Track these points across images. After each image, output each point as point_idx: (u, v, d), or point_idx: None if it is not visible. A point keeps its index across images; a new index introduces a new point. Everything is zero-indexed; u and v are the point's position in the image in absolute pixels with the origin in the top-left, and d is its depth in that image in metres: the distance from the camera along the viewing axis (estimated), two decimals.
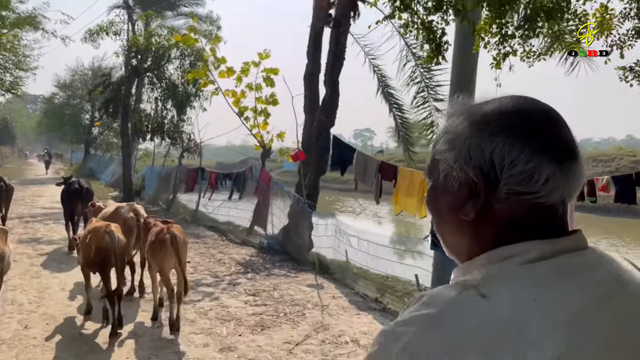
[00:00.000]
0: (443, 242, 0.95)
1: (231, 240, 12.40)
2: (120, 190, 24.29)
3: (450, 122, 0.90)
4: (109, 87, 18.96)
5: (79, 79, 38.90)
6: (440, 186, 0.90)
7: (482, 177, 0.82)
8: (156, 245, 5.77)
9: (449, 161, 0.86)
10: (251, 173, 12.90)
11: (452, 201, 0.87)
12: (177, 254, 5.68)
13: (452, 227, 0.90)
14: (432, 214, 0.95)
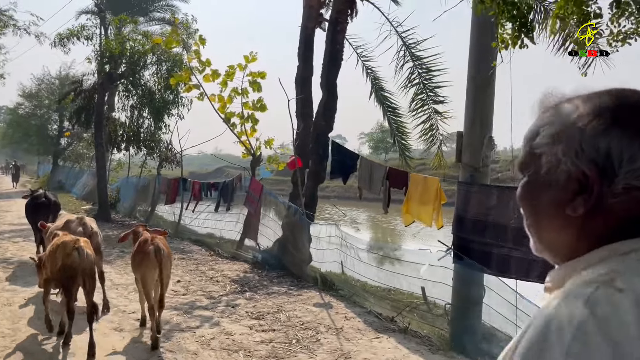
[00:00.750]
0: (537, 239, 0.91)
1: (220, 255, 11.61)
2: (93, 203, 23.13)
3: (552, 114, 0.89)
4: (81, 95, 17.90)
5: (46, 88, 37.28)
6: (540, 181, 0.87)
7: (597, 170, 0.80)
8: (139, 256, 5.62)
9: (556, 154, 0.84)
10: (240, 183, 12.14)
11: (557, 196, 0.84)
12: (160, 267, 5.43)
13: (554, 223, 0.86)
14: (526, 209, 0.92)
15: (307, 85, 10.81)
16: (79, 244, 5.28)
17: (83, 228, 6.89)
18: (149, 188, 17.82)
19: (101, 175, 17.57)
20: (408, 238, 20.76)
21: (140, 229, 6.46)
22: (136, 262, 5.69)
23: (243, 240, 11.52)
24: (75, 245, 5.25)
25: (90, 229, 7.01)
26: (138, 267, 5.68)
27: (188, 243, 13.11)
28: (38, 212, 9.42)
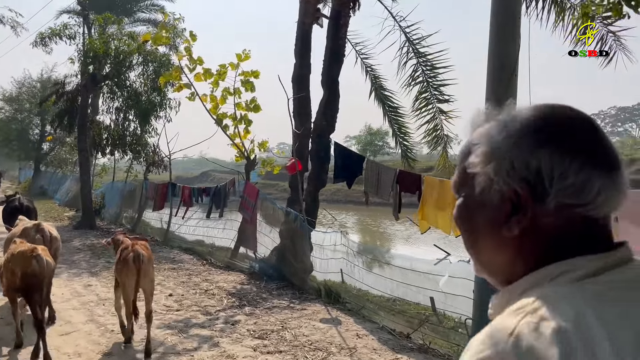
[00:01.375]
0: (475, 260, 0.90)
1: (213, 264, 10.95)
2: (77, 209, 22.27)
3: (483, 132, 0.87)
4: (63, 97, 17.08)
5: (27, 92, 36.24)
6: (474, 201, 0.86)
7: (528, 189, 0.79)
8: (120, 264, 5.58)
9: (487, 173, 0.83)
10: (233, 187, 11.49)
11: (492, 216, 0.83)
12: (138, 274, 5.41)
13: (490, 244, 0.85)
14: (463, 230, 0.91)
15: (304, 84, 10.21)
16: (37, 252, 5.12)
17: (41, 234, 6.61)
18: (136, 193, 17.06)
19: (85, 181, 16.77)
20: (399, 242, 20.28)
21: (120, 236, 6.41)
22: (118, 269, 5.65)
23: (237, 248, 10.87)
24: (33, 253, 5.09)
25: (48, 234, 6.71)
26: (119, 274, 5.63)
27: (178, 252, 12.42)
28: (13, 217, 8.97)
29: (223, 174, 73.70)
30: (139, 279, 5.43)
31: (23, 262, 5.04)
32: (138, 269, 5.40)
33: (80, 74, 16.76)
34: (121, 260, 5.57)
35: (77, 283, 9.17)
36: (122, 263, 5.53)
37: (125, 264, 5.46)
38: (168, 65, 16.95)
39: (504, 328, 0.70)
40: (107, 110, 17.49)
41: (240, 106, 11.45)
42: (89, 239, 14.52)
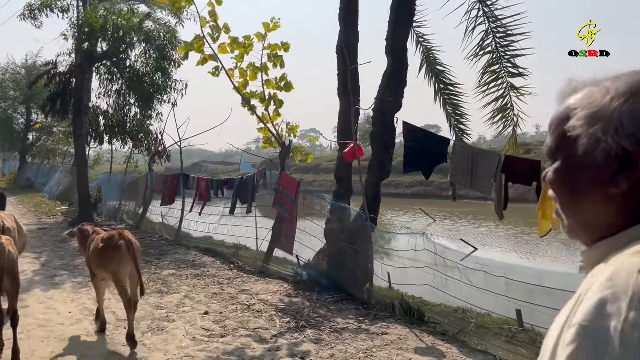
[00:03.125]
0: (573, 221, 0.92)
1: (242, 269, 9.33)
2: (69, 203, 20.46)
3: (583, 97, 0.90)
4: (55, 79, 15.23)
5: (10, 78, 34.00)
6: (576, 162, 0.89)
7: (638, 145, 0.82)
8: (108, 252, 5.42)
9: (593, 134, 0.85)
10: (263, 179, 9.84)
11: (597, 174, 0.86)
12: (134, 261, 5.38)
13: (593, 203, 0.87)
14: (561, 192, 0.93)
15: (351, 54, 8.58)
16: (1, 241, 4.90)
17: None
18: (139, 186, 15.32)
19: (81, 172, 14.97)
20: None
21: (88, 227, 6.36)
22: (105, 259, 5.46)
23: (272, 250, 9.25)
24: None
25: (1, 224, 6.18)
26: (109, 264, 5.43)
27: (196, 253, 10.77)
28: None
29: (215, 164, 72.10)
30: (137, 266, 5.37)
31: None
32: (133, 257, 5.34)
33: (75, 52, 14.89)
34: (109, 249, 5.40)
35: (85, 296, 7.52)
36: (113, 252, 5.36)
37: (118, 252, 5.33)
38: (174, 42, 15.22)
39: (630, 266, 0.74)
40: (105, 93, 15.68)
41: (270, 84, 9.77)
42: None
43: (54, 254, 10.71)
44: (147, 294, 7.62)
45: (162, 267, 9.41)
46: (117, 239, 5.41)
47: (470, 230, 23.66)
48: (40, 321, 6.37)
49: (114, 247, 5.38)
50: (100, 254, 5.51)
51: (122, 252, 5.33)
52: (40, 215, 17.37)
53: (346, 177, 8.59)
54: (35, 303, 7.20)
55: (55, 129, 34.03)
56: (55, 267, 9.54)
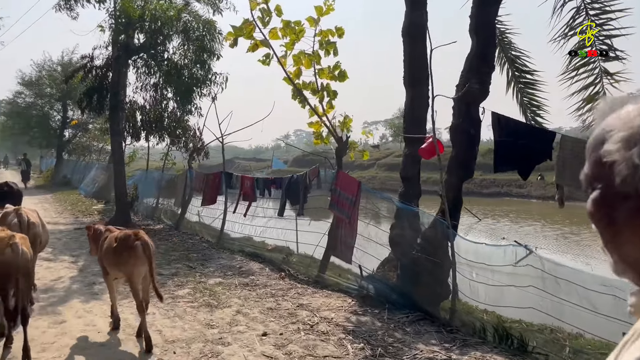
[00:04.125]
0: (618, 259, 0.83)
1: (295, 277, 8.46)
2: (106, 202, 20.01)
3: (619, 117, 0.83)
4: (91, 73, 14.64)
5: (47, 76, 34.01)
6: (614, 192, 0.80)
7: None
8: (124, 253, 5.33)
9: (630, 159, 0.77)
10: (317, 178, 8.92)
11: (637, 206, 0.77)
12: (150, 263, 5.28)
13: (636, 237, 0.78)
14: (602, 226, 0.84)
15: (419, 38, 7.59)
16: (14, 240, 4.98)
17: (19, 219, 6.56)
18: (177, 185, 14.62)
19: (118, 170, 14.33)
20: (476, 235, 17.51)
21: (100, 226, 6.33)
22: (122, 258, 5.38)
23: (328, 258, 8.33)
24: (9, 241, 4.95)
25: (26, 220, 6.58)
26: (124, 265, 5.38)
27: (242, 258, 9.94)
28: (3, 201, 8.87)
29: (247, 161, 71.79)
30: (152, 268, 5.30)
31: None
32: (149, 257, 5.29)
33: (112, 45, 14.25)
34: (125, 249, 5.34)
35: (128, 309, 6.74)
36: (129, 252, 5.30)
37: (134, 252, 5.27)
38: (213, 33, 14.44)
39: None
40: (142, 88, 14.99)
41: (324, 73, 8.83)
42: None
43: (92, 258, 9.97)
44: (195, 307, 6.83)
45: (207, 275, 8.61)
46: (132, 240, 5.34)
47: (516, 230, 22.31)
48: (79, 342, 5.60)
49: (129, 247, 5.31)
50: (115, 254, 5.46)
51: (137, 254, 5.27)
52: (77, 214, 16.90)
53: (414, 177, 7.61)
54: (73, 318, 6.47)
55: (91, 126, 33.91)
56: (93, 272, 8.84)
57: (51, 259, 9.98)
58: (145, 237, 5.43)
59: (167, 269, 9.15)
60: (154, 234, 12.95)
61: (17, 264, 4.87)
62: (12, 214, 6.75)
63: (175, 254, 10.45)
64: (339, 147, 8.43)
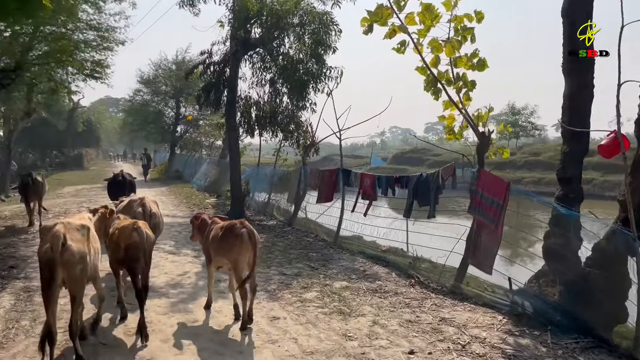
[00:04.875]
0: None
1: (426, 285, 7.75)
2: (218, 196, 20.46)
3: None
4: (210, 68, 14.86)
5: (163, 74, 35.88)
6: None
7: None
8: (230, 240, 5.62)
9: None
10: (452, 177, 8.13)
11: None
12: (254, 251, 5.54)
13: None
14: None
15: (582, 19, 6.55)
16: (138, 225, 5.53)
17: (143, 209, 7.18)
18: (291, 181, 14.42)
19: (234, 165, 14.43)
20: None
21: (205, 216, 6.74)
22: (229, 245, 5.63)
23: (466, 266, 7.53)
24: (134, 226, 5.50)
25: (149, 210, 7.20)
26: (229, 252, 5.65)
27: (364, 260, 9.39)
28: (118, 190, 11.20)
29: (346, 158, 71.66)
30: (255, 255, 5.53)
31: (125, 235, 5.43)
32: (254, 244, 5.51)
33: (230, 40, 14.33)
34: (230, 236, 5.61)
35: (258, 312, 6.42)
36: (234, 240, 5.56)
37: (239, 240, 5.51)
38: (329, 27, 14.04)
39: None
40: (257, 83, 14.96)
41: (462, 62, 8.00)
42: None
43: None
44: (327, 314, 6.37)
45: (332, 278, 8.15)
46: (239, 228, 5.61)
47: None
48: (215, 345, 5.32)
49: (235, 235, 5.56)
50: (221, 242, 5.72)
51: (243, 241, 5.51)
52: (193, 207, 17.34)
53: (576, 178, 6.59)
54: (204, 317, 6.26)
55: (201, 122, 35.32)
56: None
57: (174, 252, 10.07)
58: (250, 225, 5.69)
59: (289, 268, 8.82)
60: (268, 230, 12.82)
61: (143, 246, 5.43)
62: (137, 202, 7.39)
63: (293, 252, 10.14)
64: (480, 143, 7.58)
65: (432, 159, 52.97)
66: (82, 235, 4.76)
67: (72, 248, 4.50)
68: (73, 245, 4.52)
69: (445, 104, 8.40)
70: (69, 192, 23.06)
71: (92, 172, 39.23)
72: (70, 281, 4.55)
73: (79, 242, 4.64)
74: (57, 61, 12.69)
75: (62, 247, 4.40)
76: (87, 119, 47.14)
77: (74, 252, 4.51)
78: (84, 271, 4.63)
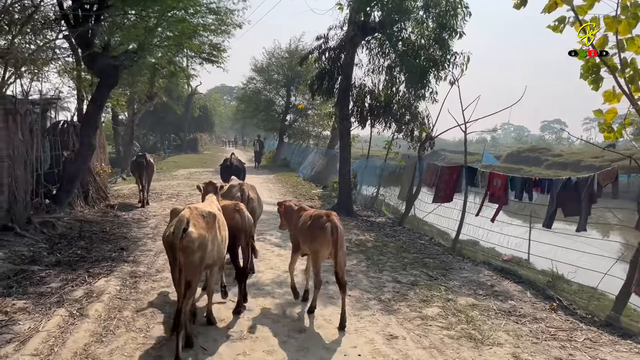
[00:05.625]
0: None
1: (572, 312, 6.44)
2: (324, 187, 19.95)
3: None
4: (325, 54, 14.23)
5: (276, 62, 36.24)
6: None
7: None
8: (315, 231, 5.60)
9: None
10: (613, 184, 6.68)
11: None
12: (335, 246, 5.43)
13: None
14: None
15: None
16: (240, 207, 5.85)
17: (241, 194, 7.37)
18: (403, 176, 13.42)
19: (344, 157, 13.70)
20: None
21: (292, 203, 6.66)
22: (312, 235, 5.64)
23: (627, 295, 6.11)
24: (236, 208, 5.81)
25: (247, 195, 7.38)
26: (312, 242, 5.65)
27: (490, 273, 8.18)
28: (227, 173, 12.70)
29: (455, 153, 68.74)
30: (337, 250, 5.42)
31: (227, 216, 5.58)
32: (335, 240, 5.41)
33: (348, 24, 13.56)
34: (317, 228, 5.56)
35: (371, 326, 5.59)
36: (319, 232, 5.52)
37: (322, 232, 5.49)
38: (457, 9, 12.77)
39: None
40: (374, 70, 14.06)
41: (635, 43, 6.51)
42: (352, 231, 11.30)
43: None
44: (454, 338, 5.36)
45: (454, 292, 7.08)
46: (324, 220, 5.55)
47: None
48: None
49: (320, 227, 5.53)
50: (308, 231, 5.71)
51: (326, 234, 5.45)
52: (299, 197, 16.93)
53: None
54: (312, 326, 5.54)
55: (310, 111, 35.21)
56: (324, 269, 8.01)
57: (281, 245, 9.54)
58: (336, 219, 5.54)
59: (404, 275, 7.88)
60: (378, 228, 11.95)
61: (245, 227, 5.69)
62: (237, 187, 7.61)
63: (407, 256, 9.18)
64: None
65: (552, 160, 48.87)
66: (207, 223, 4.70)
67: (192, 235, 4.43)
68: (194, 232, 4.46)
69: (606, 95, 6.94)
70: (182, 174, 23.87)
71: (205, 156, 40.84)
72: (187, 267, 4.46)
73: (202, 229, 4.56)
74: (178, 44, 12.72)
75: (183, 232, 4.35)
76: (203, 105, 49.18)
77: (194, 239, 4.44)
78: (202, 259, 4.56)
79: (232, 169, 14.34)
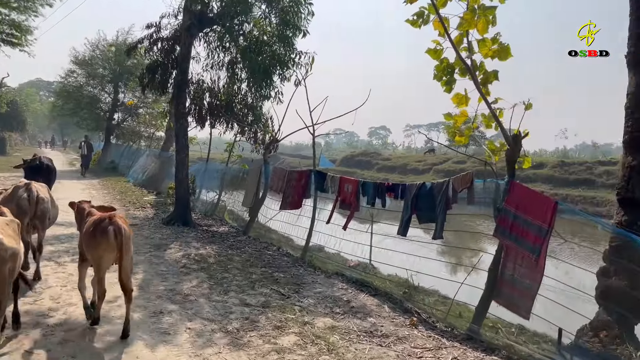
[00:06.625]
0: None
1: (432, 326, 6.07)
2: (157, 193, 18.08)
3: None
4: (157, 44, 12.63)
5: (101, 56, 32.68)
6: None
7: None
8: (96, 236, 5.00)
9: None
10: (468, 190, 6.47)
11: None
12: (119, 250, 4.91)
13: None
14: None
15: None
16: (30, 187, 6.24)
17: (28, 194, 6.56)
18: (247, 181, 12.46)
19: (181, 160, 12.26)
20: None
21: (86, 205, 5.95)
22: (93, 242, 5.04)
23: (487, 306, 5.89)
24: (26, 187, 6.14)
25: (35, 195, 6.61)
26: (94, 249, 5.04)
27: (344, 285, 7.59)
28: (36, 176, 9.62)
29: (293, 157, 69.65)
30: (122, 255, 4.90)
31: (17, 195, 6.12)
32: (120, 245, 4.90)
33: (183, 12, 12.16)
34: (97, 233, 4.98)
35: None
36: (100, 236, 4.95)
37: (104, 237, 4.94)
38: (300, 6, 12.20)
39: None
40: (213, 66, 12.87)
41: (485, 47, 6.43)
42: (190, 245, 9.98)
43: (153, 270, 7.91)
44: None
45: (310, 312, 6.30)
46: (107, 224, 5.01)
47: None
48: None
49: (102, 231, 4.98)
50: (87, 237, 5.14)
51: (109, 238, 4.93)
52: (128, 206, 14.96)
53: None
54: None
55: (141, 110, 32.47)
56: (158, 294, 6.69)
57: None
58: (120, 221, 5.02)
59: (253, 295, 6.89)
60: (221, 239, 10.79)
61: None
62: (23, 188, 6.64)
63: (255, 271, 8.21)
64: (511, 149, 5.97)
65: (382, 163, 52.09)
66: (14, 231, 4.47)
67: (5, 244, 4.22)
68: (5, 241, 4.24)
69: (457, 98, 6.82)
70: None
71: (15, 158, 35.24)
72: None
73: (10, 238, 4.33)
74: None
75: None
76: (12, 99, 42.78)
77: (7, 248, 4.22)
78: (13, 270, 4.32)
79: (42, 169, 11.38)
